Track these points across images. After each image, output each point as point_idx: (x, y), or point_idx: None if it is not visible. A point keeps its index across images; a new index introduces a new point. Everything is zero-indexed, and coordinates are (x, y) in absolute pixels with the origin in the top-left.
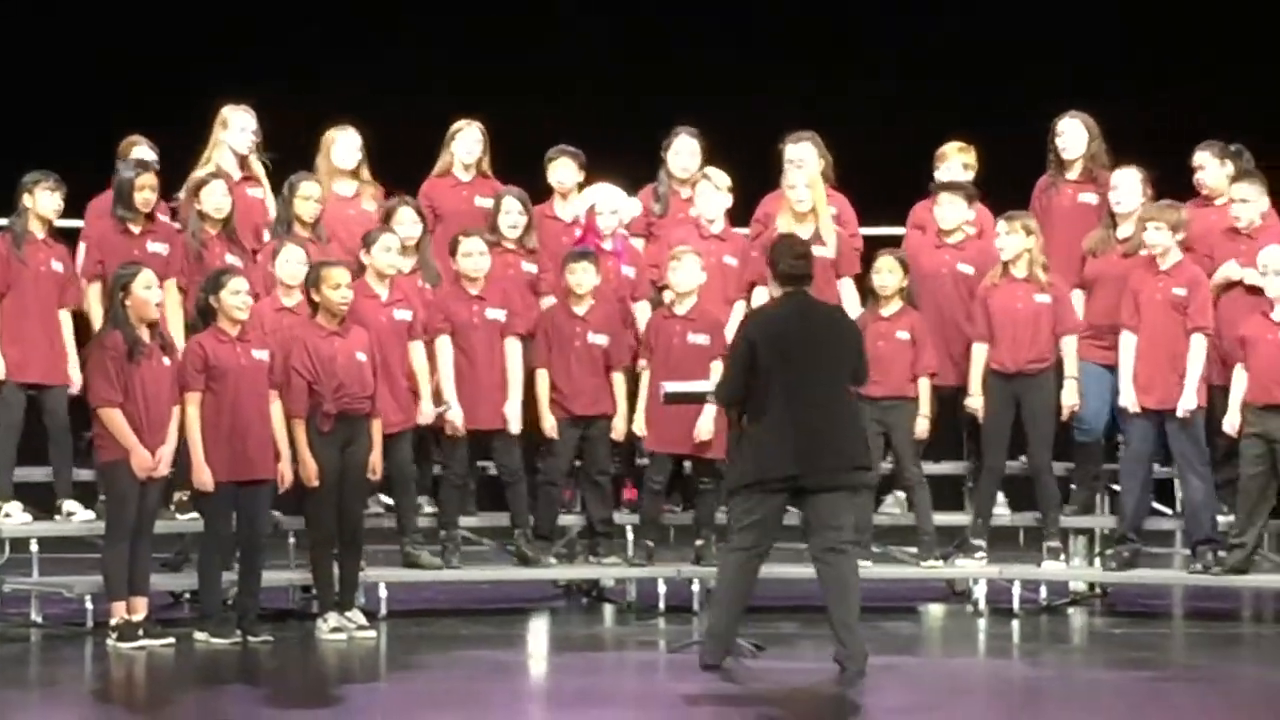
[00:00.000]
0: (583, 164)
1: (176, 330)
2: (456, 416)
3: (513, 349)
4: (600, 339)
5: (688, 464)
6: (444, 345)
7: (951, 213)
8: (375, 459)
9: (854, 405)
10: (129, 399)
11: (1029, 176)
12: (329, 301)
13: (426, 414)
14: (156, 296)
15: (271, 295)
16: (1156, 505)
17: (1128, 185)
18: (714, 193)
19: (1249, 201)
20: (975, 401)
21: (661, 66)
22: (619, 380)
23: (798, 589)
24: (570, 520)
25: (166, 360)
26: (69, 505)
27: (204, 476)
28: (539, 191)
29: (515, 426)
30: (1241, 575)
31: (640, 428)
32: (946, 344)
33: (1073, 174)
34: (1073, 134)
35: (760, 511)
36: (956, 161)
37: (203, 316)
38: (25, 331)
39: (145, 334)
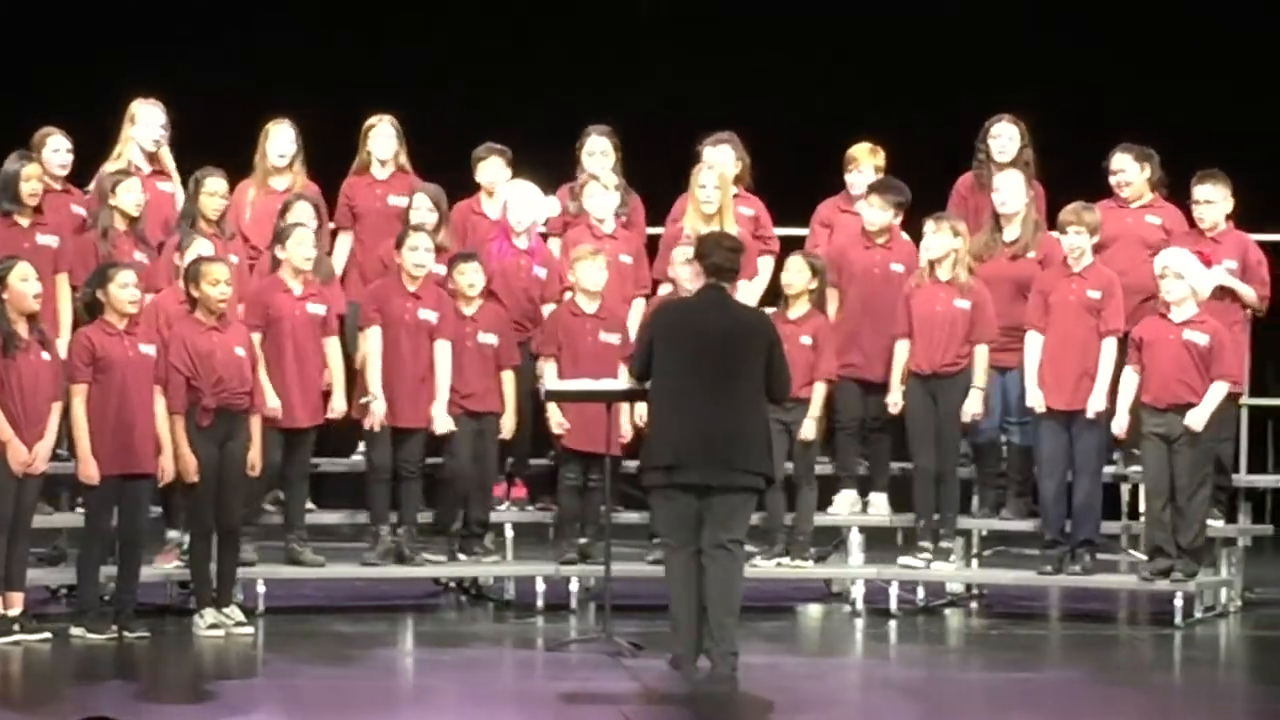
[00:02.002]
0: (510, 161)
1: (66, 323)
2: (380, 409)
3: (441, 351)
4: (490, 338)
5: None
6: (374, 336)
7: (882, 214)
8: (254, 455)
9: (761, 408)
10: (4, 393)
11: (937, 176)
12: (207, 297)
13: (337, 410)
14: (34, 289)
15: (174, 287)
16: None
17: (1012, 187)
18: (602, 193)
19: (1214, 203)
20: (895, 398)
21: (587, 65)
22: (508, 379)
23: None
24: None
25: (46, 355)
26: None
27: (90, 470)
28: (469, 188)
29: (441, 427)
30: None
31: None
32: (877, 342)
33: (996, 178)
34: (1007, 137)
35: (671, 511)
36: (869, 164)
37: (89, 310)
38: None
39: (23, 328)
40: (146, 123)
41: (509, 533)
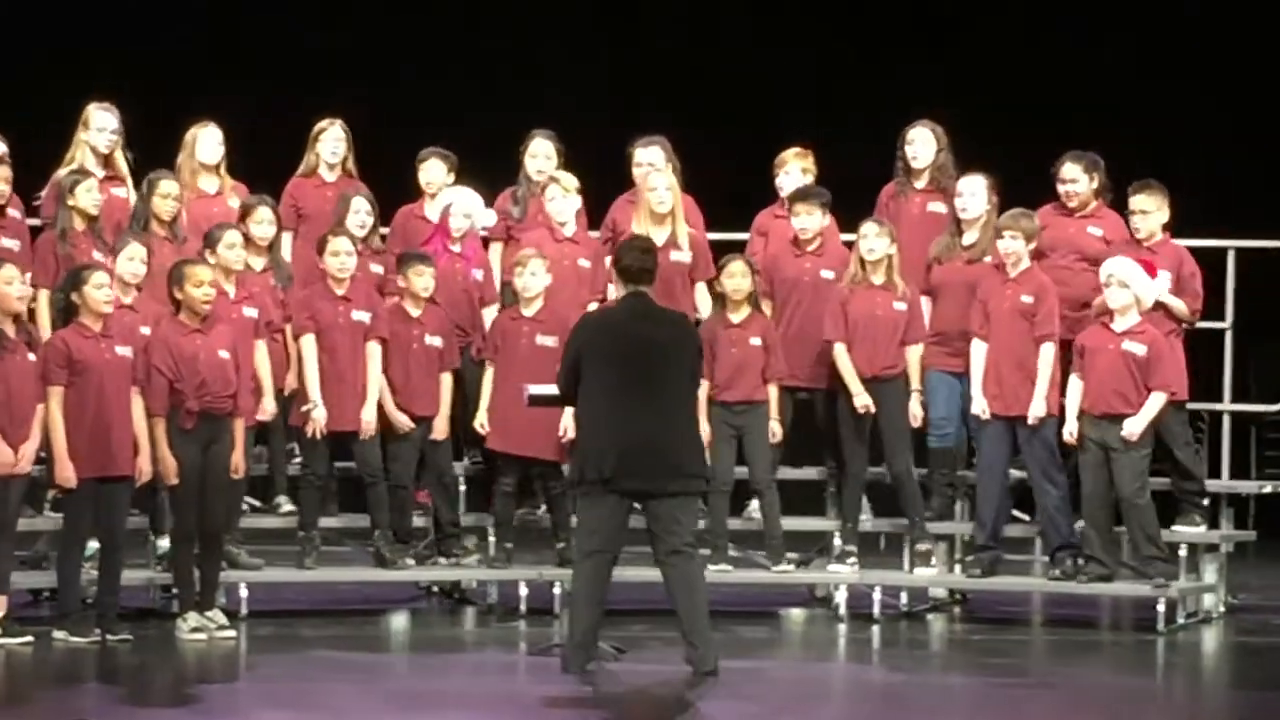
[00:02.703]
0: (453, 165)
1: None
2: (321, 416)
3: (373, 352)
4: (436, 340)
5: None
6: (308, 344)
7: (809, 220)
8: (238, 458)
9: (691, 411)
10: None
11: (869, 180)
12: (191, 299)
13: (268, 411)
14: (19, 291)
15: (152, 289)
16: (1015, 512)
17: (974, 192)
18: (563, 196)
19: (1149, 213)
20: (862, 399)
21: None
22: (447, 381)
23: (653, 592)
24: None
25: (31, 356)
26: None
27: (66, 472)
28: (412, 192)
29: (370, 430)
30: (1105, 583)
31: (482, 427)
32: (808, 349)
33: (921, 183)
34: (922, 143)
35: (598, 514)
36: (795, 167)
37: (64, 314)
38: None
39: (9, 328)
40: (99, 126)
41: (491, 536)
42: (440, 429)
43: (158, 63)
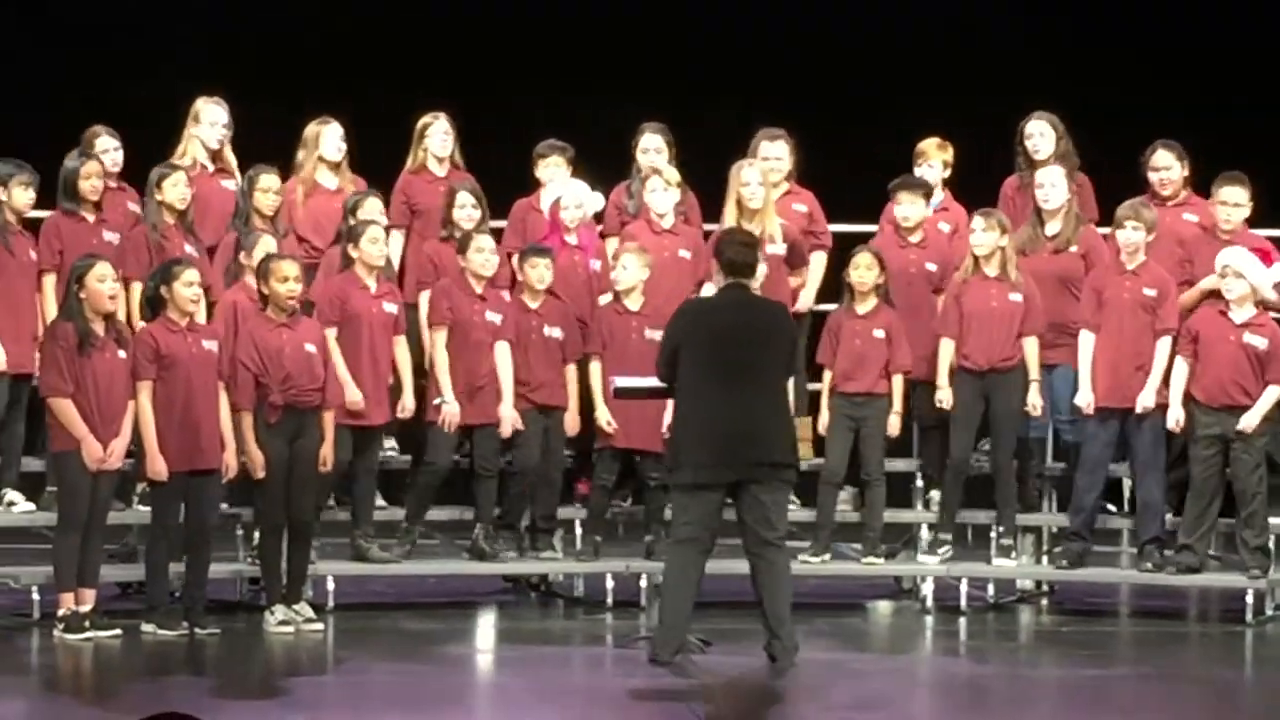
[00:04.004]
0: (571, 159)
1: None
2: (453, 411)
3: (502, 351)
4: (555, 332)
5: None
6: (441, 339)
7: (911, 210)
8: (326, 451)
9: (784, 401)
10: (80, 390)
11: (997, 173)
12: (277, 294)
13: (408, 408)
14: (111, 289)
15: (243, 285)
16: (1104, 504)
17: (1054, 182)
18: (664, 189)
19: (1240, 205)
20: (945, 395)
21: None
22: (571, 374)
23: (735, 584)
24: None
25: (122, 353)
26: (10, 495)
27: (158, 466)
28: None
29: (508, 428)
30: (1193, 575)
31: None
32: (911, 341)
33: (1038, 174)
34: (1041, 134)
35: (695, 504)
36: (939, 160)
37: (152, 306)
38: (10, 322)
39: (100, 326)
40: (210, 120)
41: (579, 530)
42: (571, 423)
43: (268, 58)
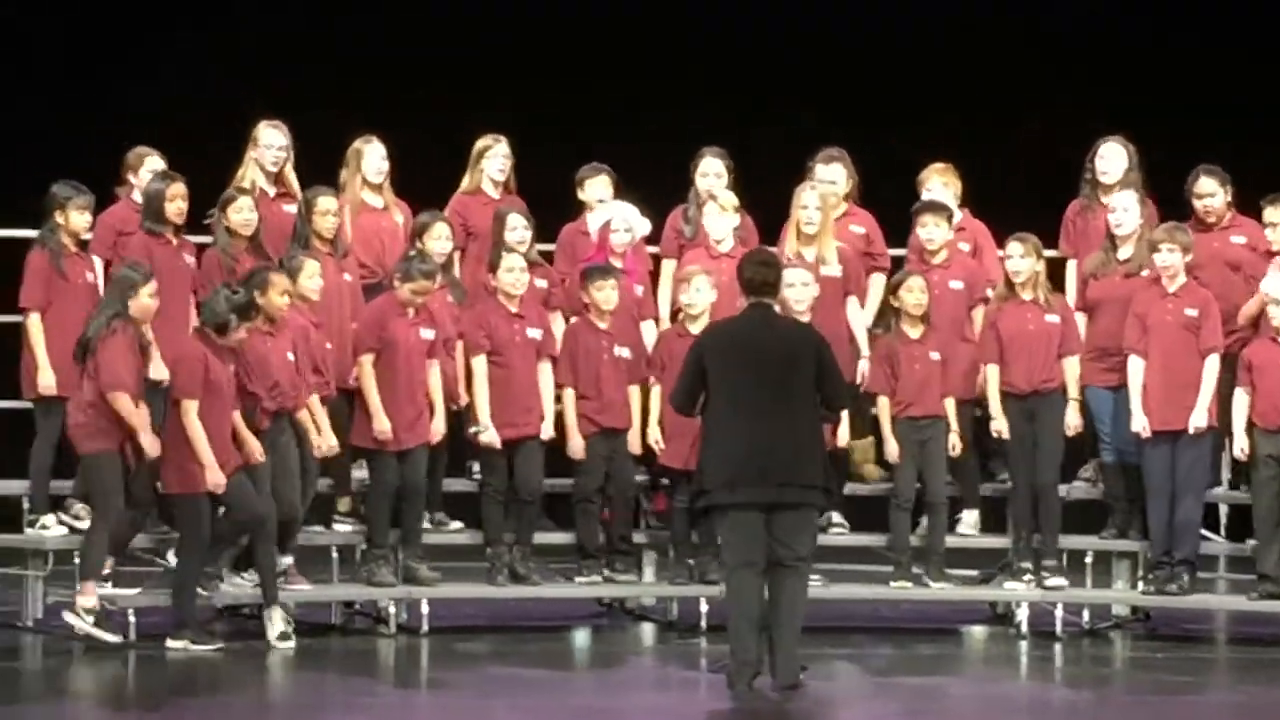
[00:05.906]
0: (616, 181)
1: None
2: (491, 437)
3: (545, 369)
4: (625, 352)
5: None
6: (480, 365)
7: (935, 232)
8: (319, 439)
9: (815, 423)
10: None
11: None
12: (272, 305)
13: (438, 432)
14: (154, 306)
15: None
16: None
17: (1127, 206)
18: (720, 214)
19: None
20: (1000, 423)
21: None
22: (635, 394)
23: (826, 610)
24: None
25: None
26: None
27: (217, 477)
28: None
29: (545, 439)
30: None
31: (657, 444)
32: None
33: (1110, 199)
34: (1114, 157)
35: (735, 527)
36: (937, 182)
37: (241, 312)
38: (69, 346)
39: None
40: (268, 143)
41: (671, 553)
42: (634, 443)
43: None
